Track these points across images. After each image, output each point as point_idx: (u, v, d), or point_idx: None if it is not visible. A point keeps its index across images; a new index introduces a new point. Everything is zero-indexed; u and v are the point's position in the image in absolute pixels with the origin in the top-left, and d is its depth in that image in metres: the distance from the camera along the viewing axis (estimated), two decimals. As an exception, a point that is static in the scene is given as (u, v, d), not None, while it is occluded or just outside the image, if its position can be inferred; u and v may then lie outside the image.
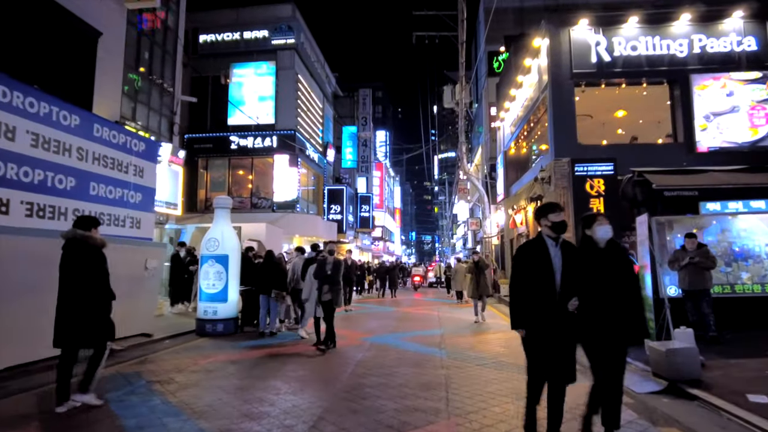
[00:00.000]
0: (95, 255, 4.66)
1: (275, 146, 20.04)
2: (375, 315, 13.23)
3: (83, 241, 4.62)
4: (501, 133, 20.68)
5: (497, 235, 21.03)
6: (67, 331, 4.43)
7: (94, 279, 4.59)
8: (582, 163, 8.58)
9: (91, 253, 4.63)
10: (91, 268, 4.60)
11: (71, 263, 4.54)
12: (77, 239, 4.61)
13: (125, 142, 9.26)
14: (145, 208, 10.75)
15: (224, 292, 9.53)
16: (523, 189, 15.16)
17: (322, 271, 7.89)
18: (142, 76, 12.79)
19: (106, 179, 8.67)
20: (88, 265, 4.58)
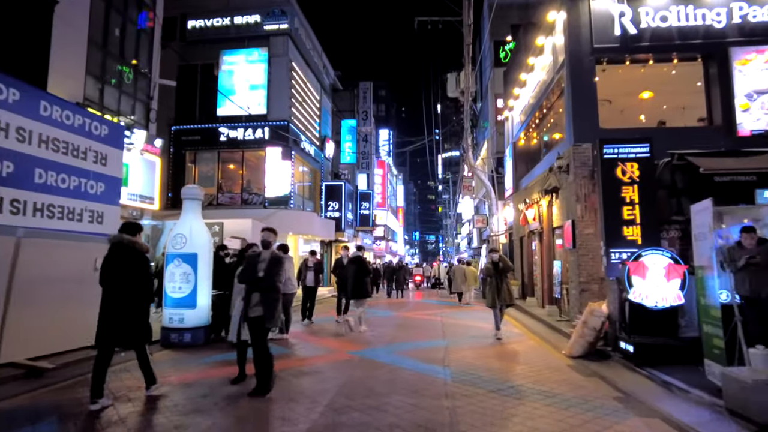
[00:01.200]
0: (141, 260, 4.90)
1: (267, 138, 18.71)
2: (371, 321, 11.87)
3: (130, 246, 4.82)
4: (509, 124, 19.27)
5: (505, 232, 19.62)
6: (110, 332, 4.63)
7: (137, 283, 4.82)
8: (612, 144, 7.23)
9: (137, 258, 4.84)
10: (136, 272, 4.81)
11: (117, 267, 4.72)
12: (124, 244, 4.82)
13: (83, 124, 7.99)
14: (110, 200, 9.45)
15: (192, 297, 8.20)
16: (535, 181, 13.77)
17: (251, 273, 5.27)
18: (111, 56, 11.49)
19: (57, 166, 7.41)
20: (133, 270, 4.78)
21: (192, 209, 8.58)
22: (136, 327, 4.75)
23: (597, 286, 9.73)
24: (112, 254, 4.76)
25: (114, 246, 4.80)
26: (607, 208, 7.17)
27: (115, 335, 4.62)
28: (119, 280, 4.67)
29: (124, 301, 4.66)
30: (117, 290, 4.66)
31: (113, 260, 4.71)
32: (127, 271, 4.71)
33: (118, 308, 4.62)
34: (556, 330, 9.97)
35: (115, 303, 4.63)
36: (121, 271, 4.69)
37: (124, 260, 4.73)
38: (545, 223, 12.39)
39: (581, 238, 9.87)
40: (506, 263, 9.88)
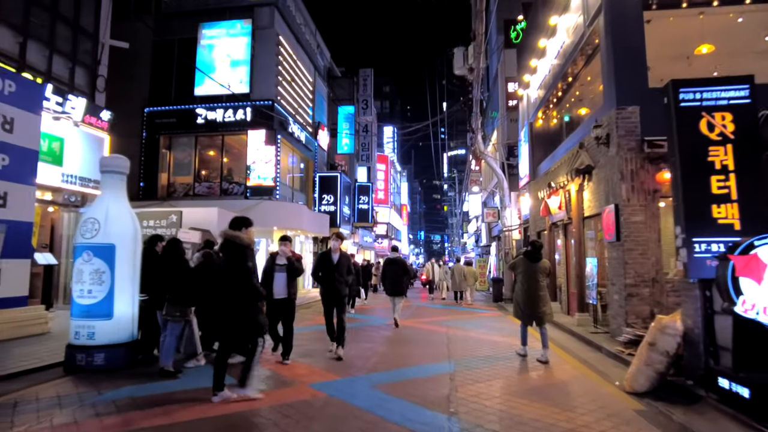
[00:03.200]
0: (245, 254, 4.69)
1: (250, 120, 16.54)
2: (360, 332, 9.67)
3: (232, 241, 4.71)
4: (523, 105, 17.02)
5: (519, 227, 17.35)
6: (225, 330, 4.64)
7: (242, 278, 4.62)
8: (692, 87, 4.99)
9: (241, 253, 4.67)
10: (240, 267, 4.64)
11: (225, 263, 4.71)
12: (228, 239, 4.73)
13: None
14: (18, 178, 7.37)
15: (107, 303, 6.03)
16: (559, 163, 11.51)
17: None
18: (39, 3, 9.31)
19: None
20: (235, 266, 4.66)
21: (111, 186, 6.41)
22: (246, 322, 4.65)
23: (648, 290, 7.50)
24: (222, 251, 4.77)
25: (224, 242, 4.77)
26: (687, 180, 4.92)
27: (227, 332, 4.65)
28: (226, 277, 4.65)
29: (232, 297, 4.62)
30: (226, 286, 4.64)
31: (224, 256, 4.73)
32: (231, 268, 4.64)
33: (228, 304, 4.62)
34: (594, 346, 7.72)
35: (225, 299, 4.64)
36: (227, 268, 4.66)
37: (229, 257, 4.68)
38: (574, 211, 10.14)
39: (628, 227, 7.63)
40: (545, 263, 7.08)
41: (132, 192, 16.91)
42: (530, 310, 6.86)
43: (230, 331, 4.63)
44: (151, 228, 10.39)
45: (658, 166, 7.62)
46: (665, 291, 7.52)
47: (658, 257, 7.59)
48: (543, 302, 6.85)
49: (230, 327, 4.60)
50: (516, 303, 7.13)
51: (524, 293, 6.90)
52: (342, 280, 6.87)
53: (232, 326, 4.60)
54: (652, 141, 7.54)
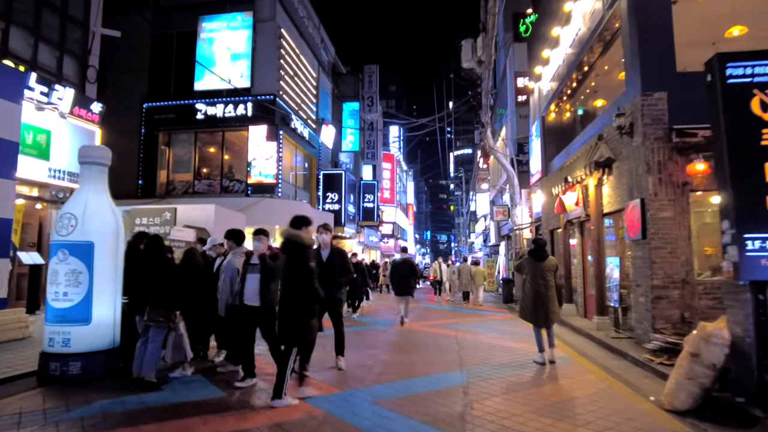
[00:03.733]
0: (306, 254, 4.62)
1: (251, 115, 16.01)
2: (364, 336, 9.09)
3: (294, 241, 4.62)
4: (534, 98, 16.36)
5: (530, 225, 16.69)
6: (283, 329, 4.55)
7: (304, 279, 4.53)
8: (742, 60, 4.36)
9: (302, 253, 4.58)
10: (302, 268, 4.54)
11: (287, 263, 4.64)
12: (290, 239, 4.65)
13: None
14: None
15: (84, 307, 5.49)
16: (575, 158, 10.87)
17: None
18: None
19: None
20: (299, 266, 4.56)
21: (91, 179, 5.86)
22: (298, 325, 4.56)
23: (678, 292, 6.86)
24: (283, 251, 4.73)
25: (284, 242, 4.73)
26: (737, 168, 4.30)
27: (288, 332, 4.56)
28: (289, 276, 4.60)
29: (293, 297, 4.56)
30: (288, 287, 4.59)
31: (285, 257, 4.67)
32: (293, 267, 4.58)
33: (288, 305, 4.57)
34: (618, 353, 7.09)
35: (285, 300, 4.62)
36: (289, 266, 4.61)
37: (291, 257, 4.63)
38: (592, 208, 9.49)
39: (655, 224, 6.99)
40: (551, 261, 6.85)
41: (130, 190, 16.54)
42: (539, 311, 6.54)
43: (291, 332, 4.54)
44: (143, 226, 9.87)
45: (688, 156, 6.97)
46: (697, 293, 6.87)
47: (688, 256, 6.95)
48: (552, 302, 6.57)
49: (291, 328, 4.53)
50: (523, 304, 6.85)
51: (532, 294, 6.58)
52: (335, 282, 5.81)
53: (294, 327, 4.53)
54: (682, 129, 6.90)
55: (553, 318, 6.64)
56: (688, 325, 6.71)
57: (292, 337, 4.54)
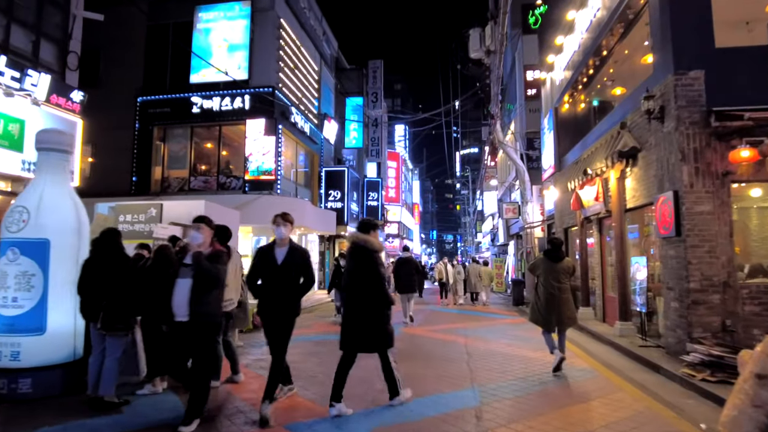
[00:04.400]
0: (376, 260, 4.46)
1: (248, 108, 15.30)
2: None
3: (363, 246, 4.45)
4: (547, 89, 15.55)
5: (542, 224, 15.88)
6: (352, 337, 4.39)
7: (375, 285, 4.38)
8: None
9: (372, 259, 4.43)
10: (372, 273, 4.39)
11: (355, 269, 4.47)
12: (359, 244, 4.48)
13: None
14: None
15: (37, 314, 4.78)
16: (593, 149, 10.05)
17: None
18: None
19: None
20: (369, 271, 4.39)
21: (49, 168, 5.14)
22: (377, 331, 4.36)
23: (718, 297, 6.04)
24: (352, 256, 4.52)
25: (352, 247, 4.53)
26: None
27: (357, 340, 4.35)
28: (357, 282, 4.39)
29: (363, 304, 4.36)
30: (356, 293, 4.41)
31: (349, 259, 4.52)
32: (363, 273, 4.38)
33: (358, 312, 4.36)
34: (648, 365, 6.28)
35: (355, 306, 4.41)
36: (358, 272, 4.40)
37: (359, 260, 4.43)
38: (614, 203, 8.67)
39: (691, 219, 6.18)
40: (568, 261, 6.38)
41: (124, 187, 15.88)
42: (552, 315, 6.02)
43: (376, 340, 4.38)
44: (128, 223, 9.15)
45: (729, 142, 6.16)
46: (740, 298, 6.06)
47: (730, 256, 6.13)
48: (567, 306, 6.03)
49: (375, 337, 4.37)
50: (535, 307, 6.29)
51: (546, 296, 6.05)
52: (292, 289, 4.30)
53: (376, 335, 4.37)
54: (723, 112, 6.09)
55: (568, 323, 6.13)
56: (731, 334, 5.91)
57: (380, 343, 4.39)
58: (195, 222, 4.15)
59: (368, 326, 4.35)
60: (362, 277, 4.38)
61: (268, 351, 4.48)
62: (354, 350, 4.40)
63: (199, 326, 3.95)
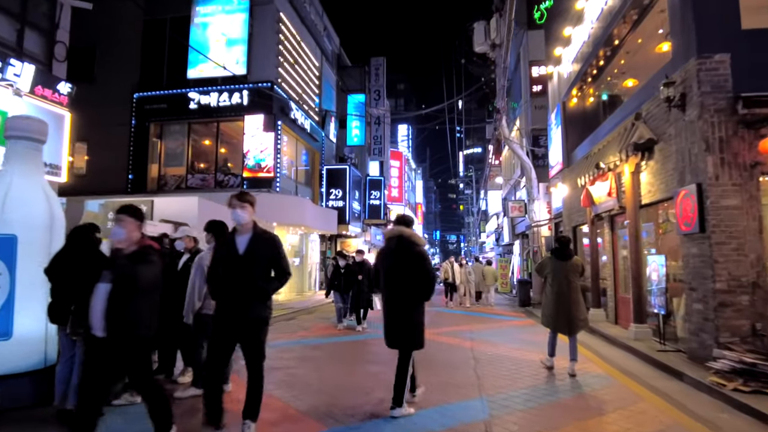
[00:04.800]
0: (425, 255, 4.38)
1: (246, 104, 14.91)
2: (365, 347, 7.89)
3: (411, 240, 4.34)
4: (554, 83, 15.08)
5: (548, 222, 15.40)
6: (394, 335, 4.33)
7: (425, 281, 4.27)
8: None
9: (420, 255, 4.33)
10: (421, 269, 4.27)
11: (401, 265, 4.32)
12: (406, 239, 4.34)
13: None
14: None
15: (3, 317, 4.35)
16: (605, 144, 9.58)
17: None
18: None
19: None
20: (418, 267, 4.27)
21: (17, 158, 4.71)
22: (415, 329, 4.24)
23: (747, 298, 5.57)
24: (397, 253, 4.32)
25: (398, 243, 4.33)
26: None
27: (397, 337, 4.26)
28: (403, 277, 4.25)
29: (408, 300, 4.26)
30: (401, 289, 4.26)
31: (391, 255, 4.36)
32: (410, 268, 4.24)
33: (397, 309, 4.27)
34: (670, 371, 5.82)
35: (399, 302, 4.27)
36: (404, 267, 4.26)
37: (405, 255, 4.28)
38: (628, 198, 8.20)
39: (716, 214, 5.72)
40: (576, 260, 6.04)
41: (120, 185, 15.49)
42: (561, 317, 5.79)
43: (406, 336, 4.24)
44: (117, 221, 8.79)
45: (759, 131, 5.70)
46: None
47: (759, 254, 5.66)
48: (576, 307, 5.77)
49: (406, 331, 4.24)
50: (545, 309, 6.06)
51: (554, 297, 5.83)
52: (257, 285, 3.53)
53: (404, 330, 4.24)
54: (752, 98, 5.62)
55: (579, 325, 5.83)
56: (761, 339, 5.44)
57: (413, 342, 4.25)
58: (118, 213, 3.32)
59: (408, 322, 4.23)
60: (410, 273, 4.21)
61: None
62: (394, 347, 4.33)
63: (119, 342, 3.14)
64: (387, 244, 4.45)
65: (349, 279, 9.53)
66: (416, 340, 4.26)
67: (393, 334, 4.29)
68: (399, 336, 4.25)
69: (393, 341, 4.31)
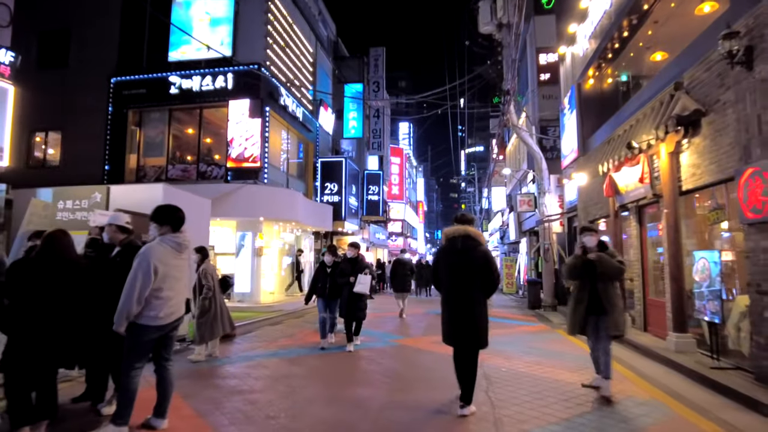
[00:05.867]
0: (488, 253, 4.38)
1: (231, 88, 13.68)
2: (355, 360, 6.64)
3: (474, 237, 4.31)
4: (567, 65, 13.84)
5: (560, 217, 14.15)
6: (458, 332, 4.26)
7: (490, 278, 4.25)
8: None
9: (485, 253, 4.32)
10: (486, 268, 4.26)
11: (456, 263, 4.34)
12: (470, 237, 4.31)
13: None
14: None
15: None
16: (633, 124, 8.29)
17: None
18: None
19: None
20: (482, 265, 4.23)
21: None
22: (483, 328, 4.24)
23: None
24: (457, 248, 4.29)
25: (463, 242, 4.28)
26: None
27: (465, 335, 4.22)
28: (468, 275, 4.21)
29: (468, 299, 4.21)
30: (466, 287, 4.22)
31: (456, 254, 4.30)
32: (476, 266, 4.20)
33: (463, 307, 4.22)
34: (739, 398, 4.57)
35: (459, 302, 4.25)
36: (469, 265, 4.22)
37: (471, 253, 4.23)
38: (665, 184, 6.94)
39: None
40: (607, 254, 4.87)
41: (96, 177, 14.21)
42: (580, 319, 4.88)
43: (473, 334, 4.20)
44: (68, 210, 7.61)
45: None
46: None
47: None
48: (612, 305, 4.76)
49: (474, 330, 4.19)
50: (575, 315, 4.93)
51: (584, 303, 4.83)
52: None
53: (474, 330, 4.19)
54: None
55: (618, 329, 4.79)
56: None
57: (482, 341, 4.24)
58: None
59: (475, 321, 4.19)
60: (475, 271, 4.19)
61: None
62: (459, 346, 4.27)
63: None
64: (451, 243, 4.35)
65: (338, 281, 7.26)
66: (484, 337, 4.24)
67: (460, 334, 4.22)
68: (466, 335, 4.20)
69: (459, 340, 4.24)
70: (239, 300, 13.31)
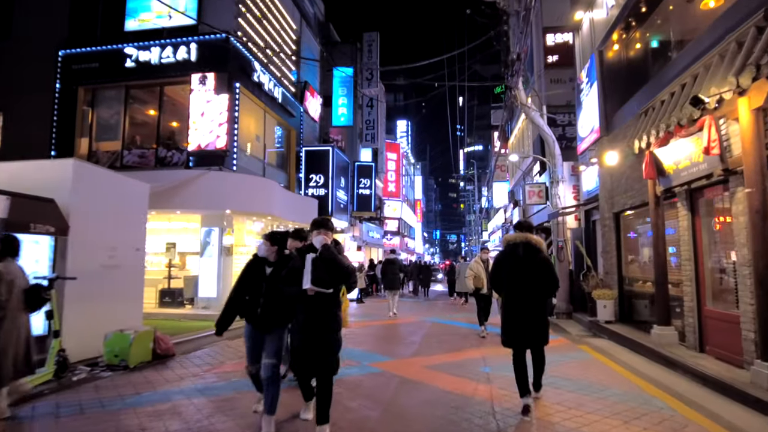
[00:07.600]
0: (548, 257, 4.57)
1: (195, 60, 11.79)
2: (337, 394, 4.73)
3: (537, 246, 4.45)
4: (583, 32, 11.99)
5: (575, 210, 12.26)
6: (520, 333, 4.38)
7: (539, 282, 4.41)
8: None
9: (545, 257, 4.50)
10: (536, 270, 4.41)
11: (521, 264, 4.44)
12: (530, 244, 4.45)
13: None
14: None
15: None
16: (689, 78, 6.38)
17: None
18: None
19: None
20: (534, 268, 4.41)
21: None
22: (541, 329, 4.42)
23: None
24: (519, 254, 4.42)
25: (517, 246, 4.45)
26: None
27: (527, 336, 4.38)
28: (530, 280, 4.37)
29: (532, 303, 4.36)
30: (528, 291, 4.36)
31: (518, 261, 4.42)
32: (538, 270, 4.38)
33: (526, 311, 4.36)
34: None
35: (523, 306, 4.37)
36: (531, 270, 4.37)
37: (533, 259, 4.40)
38: (748, 153, 5.01)
39: None
40: None
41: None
42: None
43: (538, 335, 4.40)
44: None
45: None
46: None
47: None
48: None
49: (538, 331, 4.38)
50: None
51: None
52: None
53: (537, 330, 4.38)
54: None
55: None
56: None
57: (545, 339, 4.48)
58: None
59: (539, 323, 4.38)
60: (537, 277, 4.35)
61: None
62: (524, 347, 4.39)
63: None
64: (512, 250, 4.47)
65: (286, 292, 3.70)
66: (546, 337, 4.46)
67: (524, 335, 4.36)
68: (531, 336, 4.36)
69: (525, 340, 4.38)
70: (204, 306, 11.42)
